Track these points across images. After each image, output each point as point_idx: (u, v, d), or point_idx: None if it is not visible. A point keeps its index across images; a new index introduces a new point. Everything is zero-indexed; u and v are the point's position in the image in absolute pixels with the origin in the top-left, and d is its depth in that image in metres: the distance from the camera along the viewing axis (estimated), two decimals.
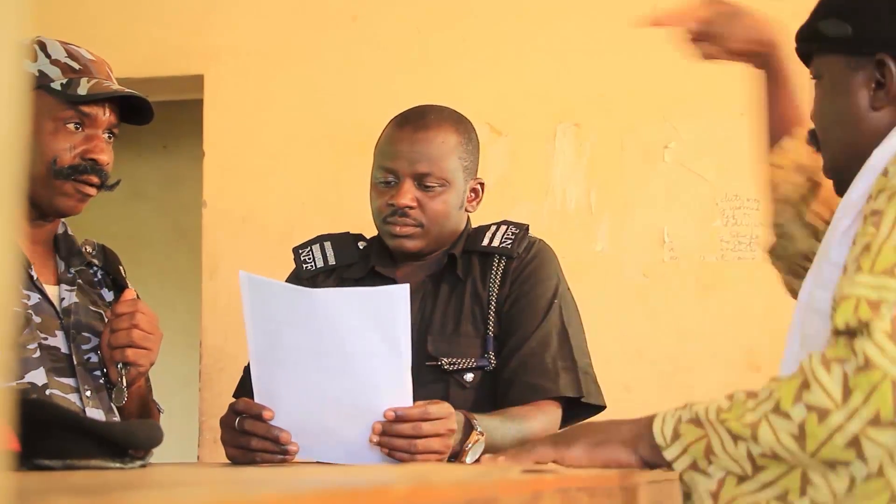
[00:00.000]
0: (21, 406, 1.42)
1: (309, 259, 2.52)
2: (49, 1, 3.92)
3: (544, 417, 2.27)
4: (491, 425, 2.13)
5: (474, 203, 2.46)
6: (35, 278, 2.18)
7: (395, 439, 1.92)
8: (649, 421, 1.50)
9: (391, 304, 1.85)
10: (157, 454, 1.60)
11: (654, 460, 1.50)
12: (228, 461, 2.08)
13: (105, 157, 2.19)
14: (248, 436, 2.00)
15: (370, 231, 2.52)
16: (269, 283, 1.93)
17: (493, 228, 2.44)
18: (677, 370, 3.52)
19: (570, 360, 2.32)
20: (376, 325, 1.87)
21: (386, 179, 2.38)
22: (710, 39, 1.97)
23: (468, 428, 2.08)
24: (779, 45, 1.95)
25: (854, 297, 1.39)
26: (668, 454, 1.46)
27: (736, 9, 1.97)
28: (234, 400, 2.14)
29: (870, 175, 1.55)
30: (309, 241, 2.56)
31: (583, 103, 3.65)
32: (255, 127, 3.86)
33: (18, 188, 0.60)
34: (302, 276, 2.50)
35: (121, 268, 2.40)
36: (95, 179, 2.18)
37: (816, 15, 1.74)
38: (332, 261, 2.50)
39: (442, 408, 2.00)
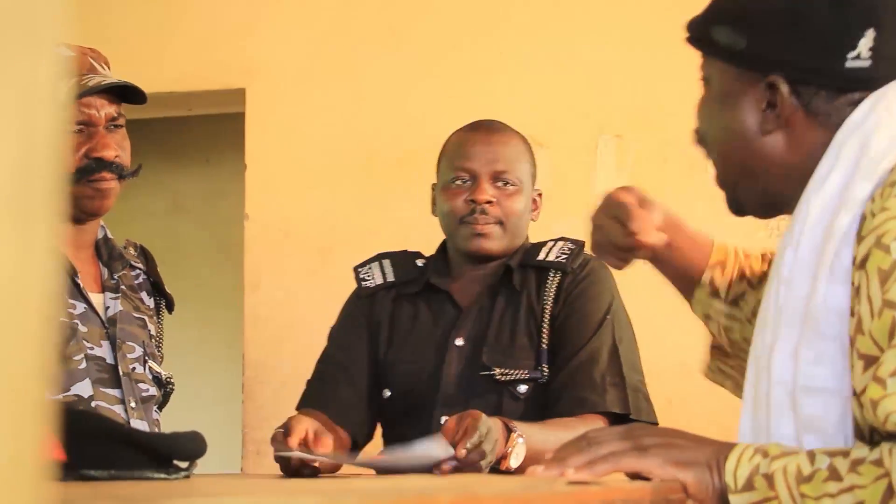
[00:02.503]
0: (66, 417, 1.43)
1: (368, 277, 2.55)
2: (91, 14, 3.95)
3: (586, 429, 2.27)
4: (530, 431, 2.13)
5: (536, 213, 2.52)
6: (81, 287, 2.18)
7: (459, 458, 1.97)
8: (725, 453, 1.40)
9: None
10: (201, 466, 1.61)
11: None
12: (272, 472, 2.09)
13: (110, 151, 2.15)
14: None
15: (418, 247, 2.58)
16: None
17: (550, 244, 2.48)
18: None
19: (619, 376, 2.33)
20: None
21: (462, 178, 2.41)
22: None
23: (507, 432, 2.09)
24: (663, 244, 1.81)
25: None
26: (734, 500, 1.36)
27: (622, 207, 1.80)
28: (296, 415, 2.19)
29: (817, 226, 1.42)
30: (369, 259, 2.60)
31: (624, 115, 3.64)
32: (297, 140, 3.87)
33: (61, 196, 0.60)
34: (361, 294, 2.55)
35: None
36: (109, 175, 2.15)
37: (710, 17, 1.61)
38: (390, 277, 2.53)
39: (471, 415, 2.01)
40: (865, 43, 1.46)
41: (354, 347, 2.51)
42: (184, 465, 1.53)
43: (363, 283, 2.55)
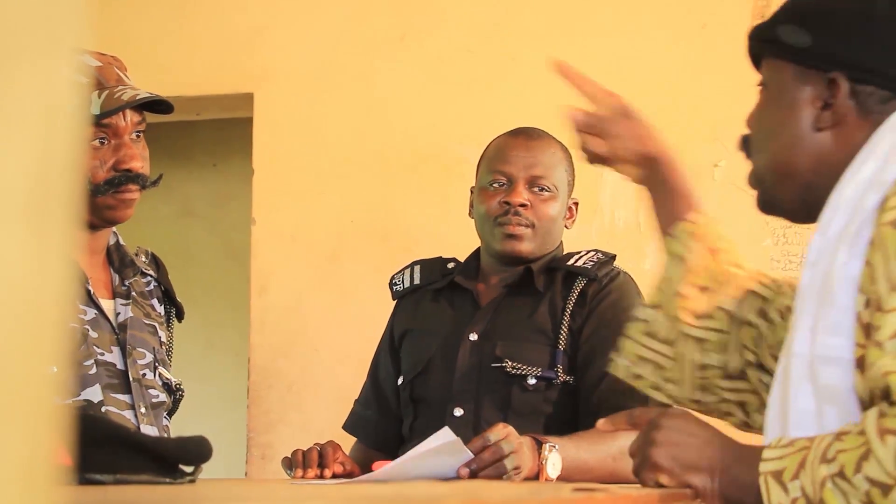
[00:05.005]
0: (73, 420, 1.43)
1: (399, 282, 2.65)
2: (101, 19, 3.96)
3: (629, 436, 2.29)
4: (563, 443, 2.13)
5: (570, 221, 2.57)
6: (91, 293, 2.19)
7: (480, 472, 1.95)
8: (733, 454, 1.45)
9: (447, 445, 1.86)
10: (206, 470, 1.61)
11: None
12: (278, 477, 2.09)
13: (137, 162, 2.16)
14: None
15: (428, 252, 2.63)
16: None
17: (582, 253, 2.54)
18: None
19: None
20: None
21: (499, 181, 2.47)
22: (599, 136, 1.88)
23: (538, 445, 2.09)
24: (662, 159, 1.85)
25: None
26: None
27: (629, 111, 1.88)
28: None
29: (847, 207, 1.46)
30: (403, 267, 2.69)
31: None
32: (305, 145, 3.87)
33: (78, 203, 0.60)
34: (393, 299, 2.65)
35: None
36: (134, 186, 2.17)
37: (777, 18, 1.64)
38: (416, 280, 2.61)
39: (500, 429, 2.02)
40: None
41: (383, 365, 2.63)
42: (189, 469, 1.52)
43: (394, 287, 2.65)
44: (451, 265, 2.61)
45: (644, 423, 1.56)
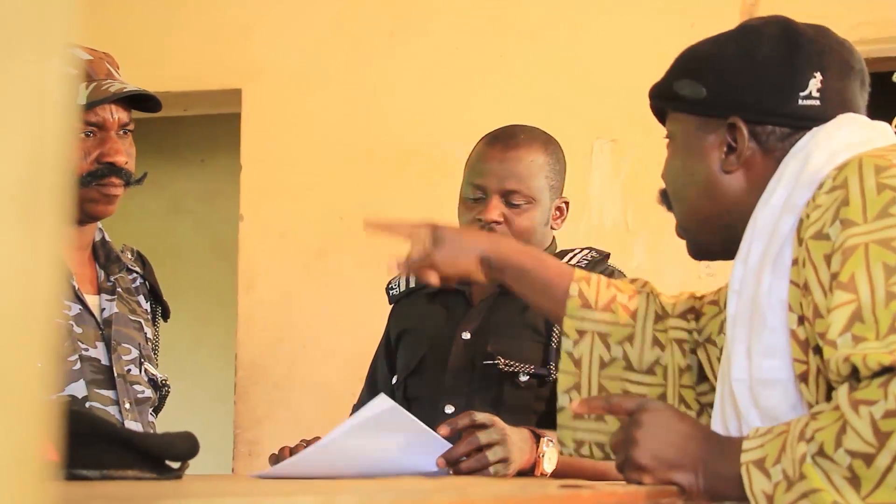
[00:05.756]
0: (59, 416, 1.43)
1: (395, 286, 2.63)
2: (89, 14, 3.95)
3: None
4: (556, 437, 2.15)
5: (559, 221, 2.54)
6: (76, 289, 2.19)
7: (461, 464, 1.94)
8: (717, 450, 1.48)
9: (387, 413, 1.84)
10: (193, 466, 1.60)
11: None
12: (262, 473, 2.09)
13: (122, 157, 2.17)
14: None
15: None
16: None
17: (577, 251, 2.52)
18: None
19: None
20: (390, 433, 1.87)
21: (475, 196, 2.45)
22: (427, 265, 1.94)
23: (535, 439, 2.10)
24: (491, 256, 1.91)
25: (874, 353, 1.34)
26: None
27: (445, 234, 1.94)
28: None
29: (763, 234, 1.54)
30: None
31: (619, 119, 3.64)
32: (293, 141, 3.87)
33: (68, 197, 0.60)
34: (390, 304, 2.64)
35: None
36: (117, 180, 2.17)
37: (672, 73, 1.74)
38: (412, 284, 2.60)
39: (486, 415, 2.03)
40: (814, 84, 1.61)
41: (380, 369, 2.62)
42: (176, 465, 1.52)
43: (390, 292, 2.64)
44: None
45: (621, 410, 1.57)
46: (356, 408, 2.66)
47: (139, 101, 2.22)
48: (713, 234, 1.70)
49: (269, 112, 3.90)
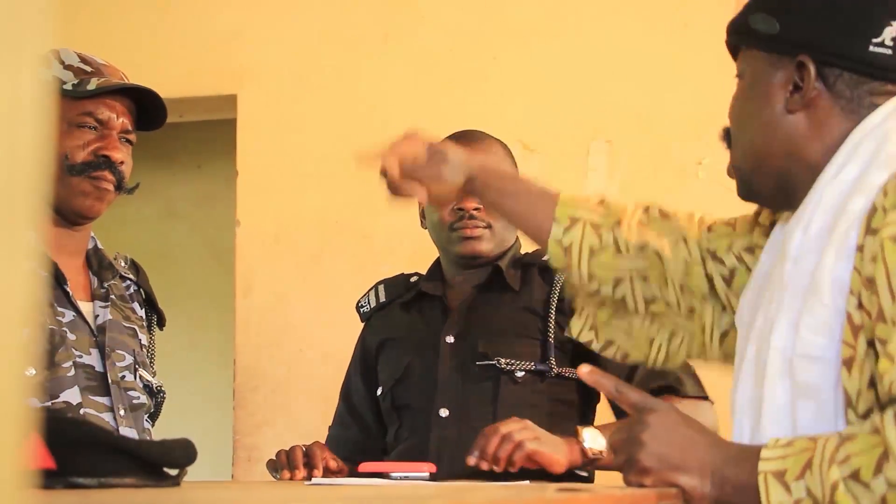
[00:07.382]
0: (56, 424, 1.42)
1: (364, 303, 2.67)
2: (83, 21, 3.95)
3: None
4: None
5: None
6: (70, 295, 2.19)
7: (499, 451, 1.99)
8: (723, 455, 1.45)
9: None
10: (192, 473, 1.60)
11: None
12: (263, 479, 2.09)
13: (119, 154, 2.19)
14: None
15: (413, 260, 2.63)
16: None
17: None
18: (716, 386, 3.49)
19: (685, 366, 2.35)
20: None
21: None
22: (418, 181, 1.96)
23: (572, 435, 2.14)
24: (472, 176, 1.94)
25: None
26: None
27: (433, 149, 1.97)
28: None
29: (829, 208, 1.50)
30: (367, 290, 2.71)
31: (615, 120, 3.64)
32: (288, 146, 3.87)
33: (43, 198, 0.60)
34: (362, 321, 2.67)
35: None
36: (110, 176, 2.18)
37: (749, 8, 1.69)
38: (382, 298, 2.64)
39: (512, 420, 2.10)
40: (889, 32, 1.56)
41: (355, 388, 2.64)
42: (174, 472, 1.52)
43: (361, 310, 2.67)
44: (413, 279, 2.65)
45: (626, 401, 1.55)
46: (334, 427, 2.67)
47: (144, 122, 2.26)
48: (767, 177, 1.66)
49: (264, 117, 3.90)
